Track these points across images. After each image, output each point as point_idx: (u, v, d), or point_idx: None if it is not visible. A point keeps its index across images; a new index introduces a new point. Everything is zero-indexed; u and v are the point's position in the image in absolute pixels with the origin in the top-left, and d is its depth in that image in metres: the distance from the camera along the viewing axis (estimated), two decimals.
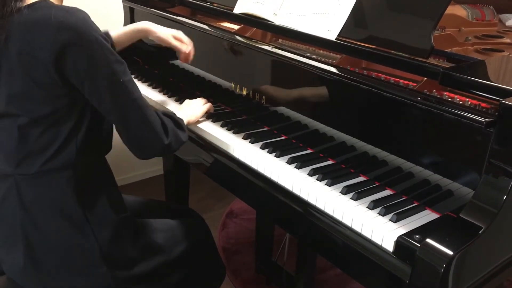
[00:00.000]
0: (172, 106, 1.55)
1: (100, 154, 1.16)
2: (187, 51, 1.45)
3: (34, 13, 0.95)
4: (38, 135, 1.03)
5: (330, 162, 1.22)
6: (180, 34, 1.46)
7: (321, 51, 1.35)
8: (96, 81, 0.98)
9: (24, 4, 0.97)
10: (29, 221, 1.08)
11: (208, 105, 1.44)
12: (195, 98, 1.54)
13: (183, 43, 1.45)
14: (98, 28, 0.98)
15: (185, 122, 1.26)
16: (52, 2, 1.00)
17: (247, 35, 1.50)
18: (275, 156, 1.23)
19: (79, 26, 0.94)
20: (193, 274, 1.30)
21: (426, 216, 1.00)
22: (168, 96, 1.63)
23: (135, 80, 1.75)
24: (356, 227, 0.98)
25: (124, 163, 2.52)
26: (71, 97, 1.01)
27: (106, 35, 1.02)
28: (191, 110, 1.38)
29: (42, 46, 0.93)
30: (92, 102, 1.02)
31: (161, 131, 1.08)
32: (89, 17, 0.98)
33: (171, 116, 1.17)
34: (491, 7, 1.54)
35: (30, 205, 1.07)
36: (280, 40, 1.47)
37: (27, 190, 1.07)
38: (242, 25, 1.54)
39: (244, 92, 1.45)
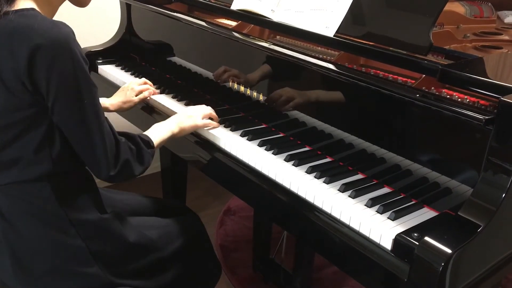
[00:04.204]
0: (169, 103, 1.54)
1: (81, 165, 1.11)
2: (148, 95, 1.56)
3: (19, 19, 0.94)
4: (5, 147, 1.01)
5: (328, 159, 1.21)
6: (136, 85, 1.54)
7: (319, 48, 1.35)
8: (62, 92, 0.95)
9: (12, 9, 0.96)
10: (10, 230, 1.07)
11: (206, 121, 1.34)
12: (193, 96, 1.54)
13: (142, 91, 1.54)
14: (79, 47, 0.97)
15: (169, 133, 1.24)
16: (39, 12, 0.99)
17: (244, 31, 1.49)
18: (272, 153, 1.23)
19: (59, 38, 0.92)
20: (188, 271, 1.30)
21: (425, 214, 1.00)
22: (166, 94, 1.62)
23: (132, 77, 1.77)
24: (354, 225, 0.98)
25: None
26: (39, 107, 0.98)
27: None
28: (181, 121, 1.30)
29: (19, 52, 0.92)
30: (54, 115, 0.98)
31: (112, 161, 1.04)
32: (74, 34, 0.96)
33: (139, 146, 1.12)
34: (490, 4, 1.54)
35: (8, 214, 1.06)
36: (278, 37, 1.47)
37: (2, 199, 1.06)
38: (240, 21, 1.53)
39: (242, 89, 1.44)
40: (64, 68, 0.94)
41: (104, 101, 1.47)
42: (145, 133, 1.21)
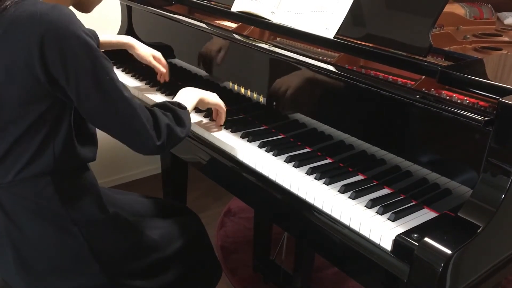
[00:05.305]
0: None
1: (82, 163, 1.12)
2: (163, 72, 1.58)
3: (19, 10, 0.94)
4: (9, 143, 1.00)
5: (328, 160, 1.22)
6: (159, 55, 1.58)
7: (319, 50, 1.35)
8: (81, 77, 0.95)
9: (10, 2, 0.96)
10: (13, 227, 1.07)
11: (221, 102, 1.36)
12: None
13: (161, 64, 1.57)
14: (82, 25, 0.97)
15: (197, 99, 1.27)
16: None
17: (245, 33, 1.50)
18: (273, 155, 1.23)
19: (61, 20, 0.92)
20: (188, 272, 1.30)
21: (424, 215, 1.00)
22: (166, 95, 1.62)
23: (132, 79, 1.77)
24: (354, 226, 0.98)
25: (123, 161, 2.52)
26: (48, 100, 0.98)
27: (93, 35, 0.99)
28: (206, 93, 1.34)
29: (26, 41, 0.91)
30: (78, 100, 0.98)
31: (153, 131, 1.04)
32: (74, 15, 0.96)
33: (173, 110, 1.13)
34: (489, 5, 1.54)
35: (11, 211, 1.07)
36: (278, 39, 1.47)
37: (6, 197, 1.06)
38: (240, 23, 1.53)
39: (242, 91, 1.44)
40: (75, 48, 0.93)
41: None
42: (174, 99, 1.23)
